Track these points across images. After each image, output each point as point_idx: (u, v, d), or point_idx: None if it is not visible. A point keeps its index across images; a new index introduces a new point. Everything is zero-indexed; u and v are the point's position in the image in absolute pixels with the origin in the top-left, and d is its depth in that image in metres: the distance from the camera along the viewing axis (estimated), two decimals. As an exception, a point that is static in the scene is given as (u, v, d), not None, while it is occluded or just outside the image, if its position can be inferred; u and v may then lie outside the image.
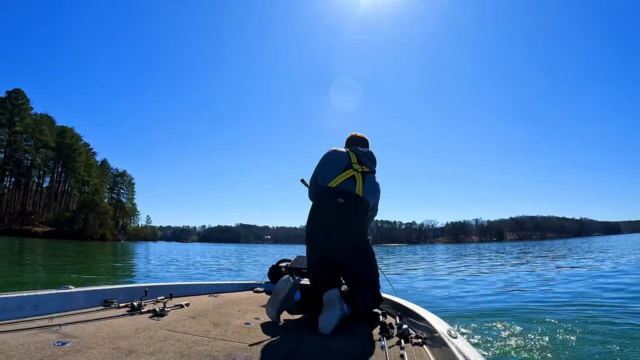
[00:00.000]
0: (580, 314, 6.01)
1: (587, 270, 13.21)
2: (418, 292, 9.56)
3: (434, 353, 1.81)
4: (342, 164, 2.94)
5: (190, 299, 3.17)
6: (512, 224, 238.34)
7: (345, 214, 2.84)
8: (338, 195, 2.84)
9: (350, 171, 2.91)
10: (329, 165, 2.97)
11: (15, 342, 1.71)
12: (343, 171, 2.91)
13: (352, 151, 3.05)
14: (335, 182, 2.87)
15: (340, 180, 2.87)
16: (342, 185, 2.86)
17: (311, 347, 2.02)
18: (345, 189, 2.85)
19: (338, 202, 2.83)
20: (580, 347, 4.36)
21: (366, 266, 2.93)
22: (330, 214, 2.86)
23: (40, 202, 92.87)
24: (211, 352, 1.81)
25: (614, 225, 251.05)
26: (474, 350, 1.56)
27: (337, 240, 2.82)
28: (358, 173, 2.91)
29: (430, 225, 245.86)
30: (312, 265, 3.00)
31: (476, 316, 6.09)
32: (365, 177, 2.93)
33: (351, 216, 2.86)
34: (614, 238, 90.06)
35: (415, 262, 22.71)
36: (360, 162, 2.98)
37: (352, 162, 2.95)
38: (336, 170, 2.91)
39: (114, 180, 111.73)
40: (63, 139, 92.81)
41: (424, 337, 2.02)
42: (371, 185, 2.96)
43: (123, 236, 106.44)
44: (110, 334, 1.98)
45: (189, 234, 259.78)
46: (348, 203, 2.83)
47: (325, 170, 2.96)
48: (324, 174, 2.95)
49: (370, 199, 2.95)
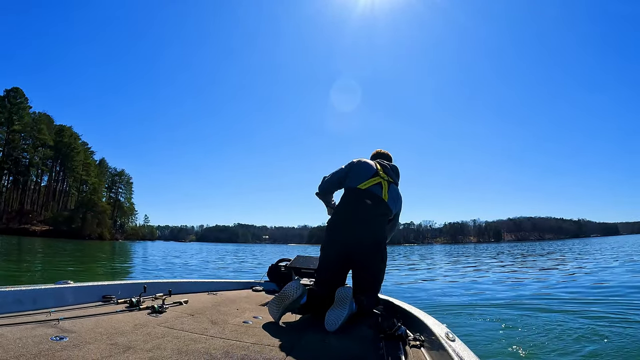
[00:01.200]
0: (579, 315, 6.06)
1: (585, 272, 13.34)
2: (417, 291, 9.65)
3: (432, 355, 1.81)
4: (371, 171, 3.19)
5: (189, 296, 3.16)
6: (510, 224, 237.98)
7: (372, 214, 3.05)
8: (366, 197, 3.07)
9: (377, 178, 3.15)
10: (359, 170, 3.21)
11: (13, 336, 1.71)
12: (371, 177, 3.15)
13: (378, 163, 3.30)
14: (365, 185, 3.10)
15: (369, 184, 3.11)
16: (371, 188, 3.10)
17: (309, 347, 2.01)
18: (373, 192, 3.09)
19: (366, 202, 3.05)
20: (580, 349, 4.40)
21: (380, 266, 3.07)
22: (357, 212, 3.06)
23: (38, 201, 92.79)
24: (209, 349, 1.81)
25: (612, 226, 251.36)
26: (472, 354, 1.57)
27: (361, 235, 2.99)
28: (384, 180, 3.16)
29: (428, 226, 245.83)
30: (326, 262, 3.09)
31: (474, 319, 6.11)
32: (390, 186, 3.19)
33: (377, 216, 3.08)
34: (611, 239, 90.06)
35: (413, 262, 22.81)
36: (386, 173, 3.22)
37: (379, 170, 3.20)
38: (365, 175, 3.16)
39: (112, 180, 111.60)
40: (61, 138, 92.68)
41: (421, 340, 2.01)
42: (395, 194, 3.23)
43: (121, 235, 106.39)
44: (109, 329, 1.98)
45: (186, 234, 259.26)
46: (375, 205, 3.06)
47: (355, 173, 3.19)
48: (353, 177, 3.18)
49: (393, 207, 3.18)
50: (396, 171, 3.35)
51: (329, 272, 3.06)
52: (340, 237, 3.06)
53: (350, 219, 3.06)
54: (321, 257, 3.15)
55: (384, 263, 3.12)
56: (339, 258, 3.04)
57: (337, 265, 3.04)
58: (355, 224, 3.02)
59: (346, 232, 3.04)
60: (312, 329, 2.41)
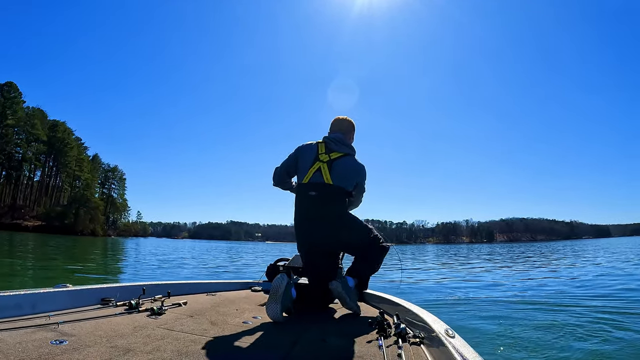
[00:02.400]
0: (578, 313, 6.16)
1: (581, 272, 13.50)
2: (414, 290, 9.73)
3: (432, 352, 1.80)
4: (310, 159, 3.11)
5: (187, 297, 3.14)
6: (503, 225, 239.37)
7: (320, 204, 3.01)
8: (309, 189, 3.03)
9: (317, 163, 3.06)
10: (303, 158, 3.15)
11: (13, 340, 1.71)
12: (311, 166, 3.07)
13: (322, 141, 3.20)
14: (307, 178, 3.06)
15: (310, 175, 3.05)
16: (313, 179, 3.04)
17: (309, 346, 2.02)
18: (315, 182, 3.03)
19: (310, 195, 3.01)
20: (579, 345, 4.45)
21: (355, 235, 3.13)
22: (307, 208, 3.06)
23: (31, 196, 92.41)
24: (209, 351, 1.81)
25: (604, 228, 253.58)
26: (472, 350, 1.56)
27: (319, 231, 3.02)
28: (323, 163, 3.06)
29: (420, 226, 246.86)
30: (305, 258, 3.21)
31: (474, 316, 6.13)
32: (333, 164, 3.06)
33: (326, 205, 3.02)
34: (603, 241, 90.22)
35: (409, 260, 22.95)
36: (329, 151, 3.11)
37: (319, 154, 3.10)
38: (306, 166, 3.10)
39: (105, 176, 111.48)
40: (55, 133, 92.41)
41: (421, 337, 1.99)
42: (343, 168, 3.08)
43: (114, 232, 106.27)
44: (108, 332, 1.98)
45: (179, 231, 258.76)
46: (320, 194, 3.01)
47: (301, 162, 3.14)
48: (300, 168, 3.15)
49: (344, 184, 3.08)
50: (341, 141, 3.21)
51: (310, 262, 3.16)
52: (302, 236, 3.12)
53: (302, 219, 3.08)
54: (299, 254, 3.28)
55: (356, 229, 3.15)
56: (312, 250, 3.13)
57: (314, 256, 3.14)
58: (309, 222, 3.05)
59: (303, 231, 3.09)
60: (311, 329, 2.40)
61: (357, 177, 3.19)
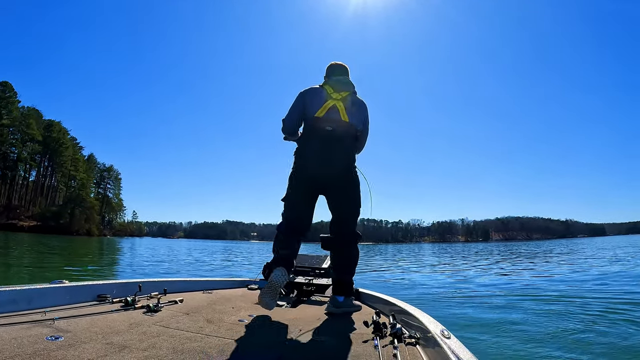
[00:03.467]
0: (577, 313, 6.20)
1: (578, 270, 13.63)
2: (411, 289, 9.81)
3: (427, 353, 1.80)
4: (322, 96, 3.07)
5: (184, 295, 3.14)
6: (498, 224, 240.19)
7: (336, 139, 2.99)
8: (326, 123, 2.99)
9: (330, 102, 3.04)
10: (312, 98, 3.09)
11: (9, 336, 1.71)
12: (325, 102, 3.04)
13: (326, 83, 3.16)
14: (321, 113, 3.01)
15: (324, 110, 3.02)
16: (328, 114, 3.01)
17: (304, 345, 2.00)
18: (331, 118, 3.01)
19: (326, 129, 2.98)
20: (577, 345, 4.47)
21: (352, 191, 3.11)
22: (320, 139, 3.00)
23: (26, 196, 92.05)
24: (204, 348, 1.82)
25: (599, 227, 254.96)
26: (467, 351, 1.56)
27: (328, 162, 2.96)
28: (338, 101, 3.05)
29: (416, 225, 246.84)
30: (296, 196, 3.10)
31: (470, 317, 6.14)
32: (347, 101, 3.07)
33: (341, 140, 3.01)
34: (598, 240, 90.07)
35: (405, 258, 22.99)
36: (338, 90, 3.10)
37: (329, 94, 3.07)
38: (318, 102, 3.05)
39: (101, 175, 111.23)
40: (50, 133, 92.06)
41: (417, 337, 1.99)
42: (354, 105, 3.10)
43: (109, 231, 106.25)
44: (104, 329, 1.98)
45: (175, 230, 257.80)
46: (336, 130, 3.00)
47: (309, 102, 3.08)
48: (308, 106, 3.07)
49: (357, 122, 3.11)
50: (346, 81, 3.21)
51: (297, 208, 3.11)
52: (308, 167, 3.05)
53: (314, 147, 3.02)
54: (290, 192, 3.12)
55: (356, 188, 3.13)
56: (308, 191, 3.07)
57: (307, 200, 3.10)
58: (320, 153, 2.99)
59: (313, 163, 3.01)
60: (307, 328, 2.37)
61: (365, 113, 3.22)
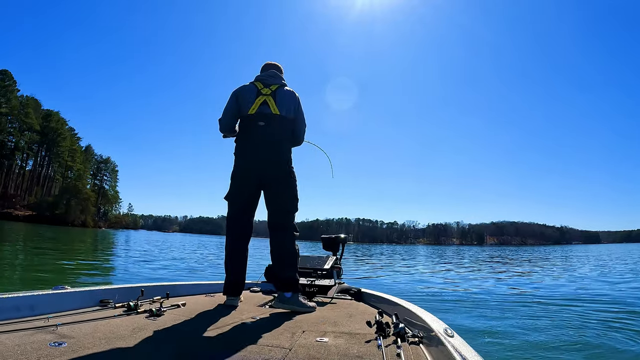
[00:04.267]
0: (576, 313, 6.36)
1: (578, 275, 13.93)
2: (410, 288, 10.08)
3: (431, 352, 1.79)
4: (253, 93, 3.19)
5: (186, 298, 3.13)
6: (493, 228, 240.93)
7: (269, 134, 3.10)
8: (258, 119, 3.11)
9: (260, 98, 3.16)
10: (243, 96, 3.21)
11: (12, 342, 1.70)
12: (256, 99, 3.16)
13: (257, 80, 3.31)
14: (253, 109, 3.13)
15: (256, 106, 3.13)
16: (260, 109, 3.13)
17: (308, 346, 1.97)
18: (263, 113, 3.12)
19: (259, 125, 3.10)
20: (577, 345, 4.54)
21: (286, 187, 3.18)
22: (254, 137, 3.13)
23: (22, 185, 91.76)
24: (207, 352, 1.82)
25: (593, 234, 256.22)
26: (471, 350, 1.56)
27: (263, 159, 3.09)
28: (268, 96, 3.17)
29: (411, 226, 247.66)
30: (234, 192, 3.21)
31: (474, 316, 6.21)
32: (277, 94, 3.20)
33: (274, 135, 3.12)
34: (592, 247, 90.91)
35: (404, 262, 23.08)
36: (266, 85, 3.23)
37: (259, 89, 3.20)
38: (250, 99, 3.17)
39: (98, 167, 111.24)
40: (48, 123, 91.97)
41: (420, 336, 1.98)
42: (284, 97, 3.21)
43: (104, 223, 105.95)
44: (107, 334, 1.97)
45: (170, 224, 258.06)
46: (269, 124, 3.11)
47: (242, 100, 3.20)
48: (242, 105, 3.19)
49: (288, 112, 3.20)
50: (275, 75, 3.35)
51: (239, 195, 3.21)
52: (245, 165, 3.17)
53: (249, 145, 3.14)
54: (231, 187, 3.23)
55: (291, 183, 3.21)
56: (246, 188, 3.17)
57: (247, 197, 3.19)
58: (255, 151, 3.11)
59: (249, 159, 3.14)
60: (310, 329, 2.37)
61: (294, 102, 3.27)
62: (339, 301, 3.51)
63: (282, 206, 3.18)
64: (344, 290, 3.73)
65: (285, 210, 3.19)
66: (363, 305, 3.23)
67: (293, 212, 3.23)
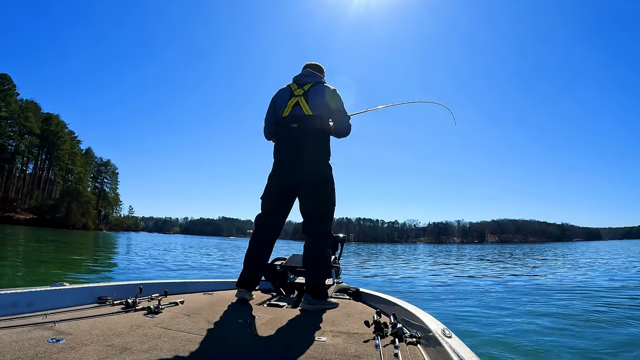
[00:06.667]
0: (575, 313, 6.35)
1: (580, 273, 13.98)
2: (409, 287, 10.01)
3: (428, 352, 1.79)
4: (287, 95, 3.21)
5: (185, 296, 3.12)
6: (494, 226, 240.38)
7: (302, 135, 3.08)
8: (291, 121, 3.11)
9: (293, 99, 3.16)
10: (279, 100, 3.24)
11: (10, 338, 1.70)
12: (289, 101, 3.17)
13: (293, 81, 3.32)
14: (286, 112, 3.15)
15: (289, 109, 3.14)
16: (292, 112, 3.13)
17: (306, 345, 1.96)
18: (295, 114, 3.12)
19: (292, 127, 3.09)
20: (576, 345, 4.51)
21: (322, 190, 3.15)
22: (287, 140, 3.14)
23: (23, 189, 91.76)
24: (205, 350, 1.82)
25: (594, 231, 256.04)
26: (469, 350, 1.56)
27: (295, 163, 3.08)
28: (300, 97, 3.15)
29: (412, 225, 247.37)
30: (267, 193, 3.25)
31: (472, 316, 6.20)
32: (309, 94, 3.16)
33: (307, 137, 3.09)
34: (593, 244, 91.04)
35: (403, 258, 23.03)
36: (300, 86, 3.22)
37: (293, 91, 3.21)
38: (283, 102, 3.19)
39: (98, 170, 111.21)
40: (48, 126, 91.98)
41: (418, 337, 1.99)
42: (316, 95, 3.16)
43: (105, 226, 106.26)
44: (105, 331, 1.97)
45: (171, 226, 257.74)
46: (301, 126, 3.09)
47: (279, 105, 3.23)
48: (278, 109, 3.23)
49: (322, 110, 3.15)
50: (311, 73, 3.33)
51: (270, 198, 3.23)
52: (278, 168, 3.19)
53: (283, 148, 3.17)
54: (265, 188, 3.26)
55: (326, 188, 3.17)
56: (280, 191, 3.19)
57: (280, 199, 3.21)
58: (288, 156, 3.12)
59: (281, 162, 3.17)
60: (308, 328, 2.37)
61: (327, 96, 3.18)
62: (337, 301, 3.48)
63: (314, 211, 3.14)
64: (342, 290, 3.72)
65: (317, 215, 3.14)
66: (361, 305, 3.22)
67: (326, 217, 3.18)
